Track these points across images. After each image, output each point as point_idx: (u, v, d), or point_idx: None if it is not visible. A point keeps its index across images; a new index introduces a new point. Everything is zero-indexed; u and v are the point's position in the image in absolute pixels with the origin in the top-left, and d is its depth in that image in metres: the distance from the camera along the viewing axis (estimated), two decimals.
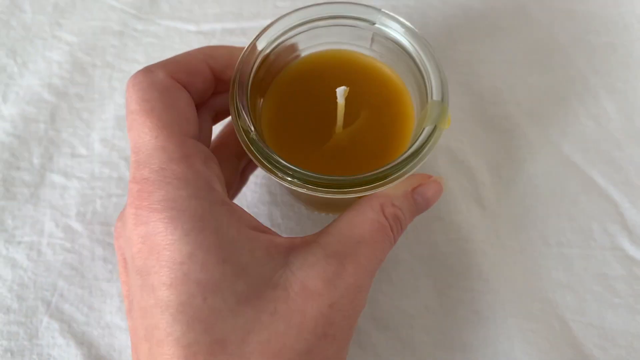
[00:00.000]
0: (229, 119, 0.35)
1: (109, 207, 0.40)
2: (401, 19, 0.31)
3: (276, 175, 0.27)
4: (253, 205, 0.40)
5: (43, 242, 0.39)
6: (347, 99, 0.30)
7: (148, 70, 0.28)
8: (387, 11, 0.31)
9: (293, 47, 0.33)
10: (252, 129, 0.28)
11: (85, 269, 0.38)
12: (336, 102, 0.30)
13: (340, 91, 0.29)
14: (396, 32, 0.31)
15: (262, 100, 0.33)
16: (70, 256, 0.38)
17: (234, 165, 0.32)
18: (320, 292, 0.25)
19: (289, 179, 0.27)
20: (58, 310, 0.37)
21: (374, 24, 0.32)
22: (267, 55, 0.31)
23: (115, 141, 0.43)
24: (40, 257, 0.38)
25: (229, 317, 0.23)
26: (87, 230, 0.39)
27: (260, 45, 0.31)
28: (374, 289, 0.37)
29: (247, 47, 0.31)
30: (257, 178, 0.41)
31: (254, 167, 0.36)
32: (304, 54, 0.34)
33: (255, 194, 0.40)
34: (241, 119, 0.29)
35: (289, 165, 0.27)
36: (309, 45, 0.34)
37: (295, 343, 0.24)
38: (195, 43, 0.48)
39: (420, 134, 0.28)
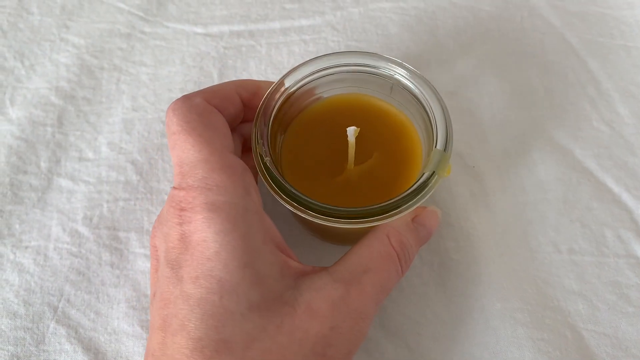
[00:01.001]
0: None
1: (115, 212, 0.40)
2: (419, 74, 0.34)
3: (282, 198, 0.30)
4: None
5: (50, 246, 0.39)
6: (362, 139, 0.33)
7: (186, 98, 0.31)
8: (408, 65, 0.34)
9: (317, 88, 0.37)
10: (268, 155, 0.31)
11: (92, 274, 0.38)
12: None
13: (351, 131, 0.32)
14: (413, 84, 0.34)
15: (284, 131, 0.36)
16: (77, 261, 0.38)
17: None
18: (323, 314, 0.26)
19: (294, 203, 0.30)
20: (65, 315, 0.36)
21: (394, 75, 0.35)
22: (293, 92, 0.35)
23: (122, 145, 0.43)
24: (47, 262, 0.38)
25: (239, 320, 0.25)
26: (93, 234, 0.39)
27: (287, 83, 0.34)
28: None
29: (276, 83, 0.34)
30: None
31: None
32: (327, 94, 0.38)
33: (264, 196, 0.40)
34: (259, 145, 0.32)
35: (294, 191, 0.30)
36: (332, 88, 0.37)
37: (294, 357, 0.25)
38: (202, 46, 0.47)
39: (420, 178, 0.31)
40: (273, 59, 0.46)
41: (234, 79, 0.45)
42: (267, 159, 0.31)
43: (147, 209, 0.40)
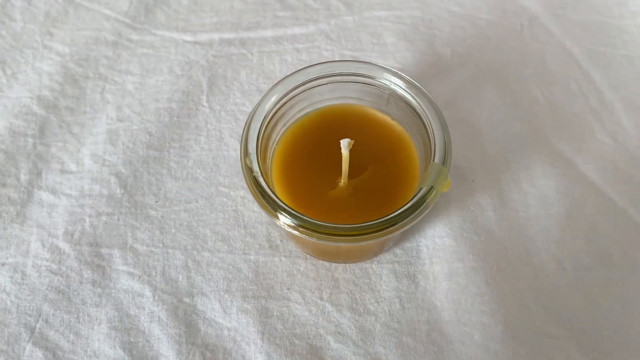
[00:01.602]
0: None
1: (98, 227, 0.38)
2: (417, 84, 0.33)
3: (271, 214, 0.29)
4: (250, 225, 0.38)
5: (28, 263, 0.37)
6: (357, 152, 0.32)
7: None
8: (404, 75, 0.33)
9: (310, 97, 0.35)
10: (257, 167, 0.30)
11: (72, 292, 0.36)
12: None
13: (345, 143, 0.31)
14: (410, 95, 0.33)
15: (275, 143, 0.35)
16: (57, 279, 0.36)
17: None
18: None
19: (282, 219, 0.29)
20: (42, 337, 0.34)
21: (390, 86, 0.34)
22: (285, 102, 0.34)
23: (106, 156, 0.41)
24: (24, 279, 0.36)
25: None
26: (75, 251, 0.37)
27: (279, 91, 0.33)
28: (382, 334, 0.35)
29: (267, 91, 0.33)
30: None
31: None
32: (321, 104, 0.36)
33: (254, 213, 0.38)
34: (248, 158, 0.31)
35: (284, 206, 0.29)
36: (326, 98, 0.36)
37: None
38: (191, 54, 0.46)
39: (417, 193, 0.30)
40: (265, 68, 0.45)
41: (224, 88, 0.44)
42: (256, 172, 0.30)
43: (131, 224, 0.38)
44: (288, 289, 0.36)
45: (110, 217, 0.38)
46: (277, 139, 0.35)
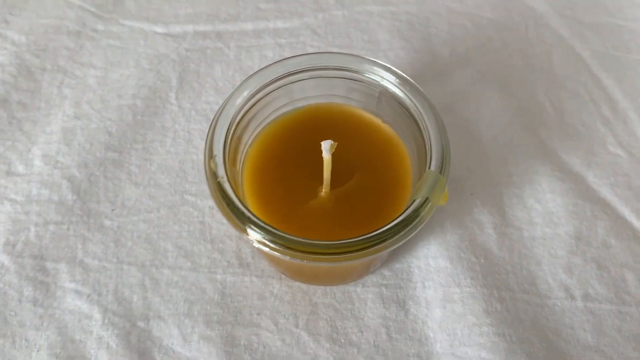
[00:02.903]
0: None
1: (44, 237, 0.35)
2: (412, 82, 0.31)
3: (239, 227, 0.26)
4: (218, 240, 0.34)
5: None
6: (342, 157, 0.29)
7: None
8: (398, 71, 0.31)
9: (290, 94, 0.33)
10: (224, 172, 0.27)
11: (9, 312, 0.32)
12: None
13: (327, 145, 0.28)
14: (404, 93, 0.30)
15: (248, 145, 0.32)
16: None
17: None
18: None
19: (252, 233, 0.26)
20: None
21: (381, 82, 0.31)
22: (260, 98, 0.31)
23: (59, 158, 0.38)
24: None
25: None
26: (15, 264, 0.34)
27: (253, 85, 0.30)
28: None
29: (239, 84, 0.30)
30: None
31: None
32: (302, 103, 0.34)
33: (222, 226, 0.35)
34: (213, 161, 0.28)
35: (254, 218, 0.26)
36: (308, 95, 0.33)
37: None
38: (161, 47, 0.43)
39: (410, 206, 0.27)
40: (243, 64, 0.42)
41: (196, 85, 0.41)
42: (222, 177, 0.27)
43: (82, 235, 0.35)
44: (258, 314, 0.32)
45: (59, 226, 0.35)
46: (249, 141, 0.32)
